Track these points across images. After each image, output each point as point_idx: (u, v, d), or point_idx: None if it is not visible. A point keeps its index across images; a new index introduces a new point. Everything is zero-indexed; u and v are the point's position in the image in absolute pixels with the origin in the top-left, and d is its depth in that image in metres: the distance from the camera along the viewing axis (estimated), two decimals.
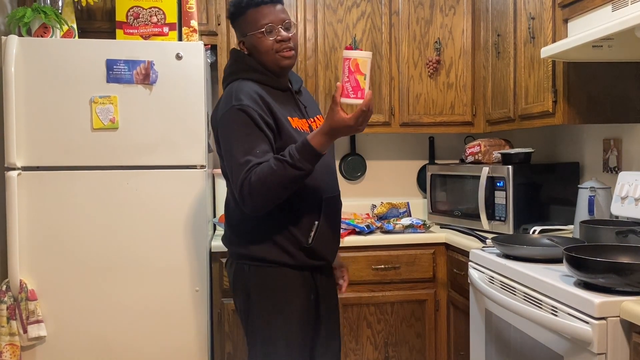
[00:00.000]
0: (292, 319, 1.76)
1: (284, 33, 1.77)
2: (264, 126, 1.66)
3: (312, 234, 1.76)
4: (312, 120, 1.88)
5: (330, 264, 1.90)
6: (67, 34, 2.47)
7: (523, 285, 1.80)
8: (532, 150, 2.63)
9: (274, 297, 1.76)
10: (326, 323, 1.89)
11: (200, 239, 2.38)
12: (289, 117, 1.76)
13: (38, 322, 2.26)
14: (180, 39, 2.52)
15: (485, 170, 2.57)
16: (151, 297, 2.35)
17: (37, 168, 2.29)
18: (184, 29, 2.52)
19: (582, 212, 2.25)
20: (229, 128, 1.69)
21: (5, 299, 2.23)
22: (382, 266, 2.63)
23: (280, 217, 1.73)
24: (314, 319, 1.84)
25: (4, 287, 2.25)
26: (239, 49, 1.84)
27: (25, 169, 2.27)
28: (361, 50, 1.60)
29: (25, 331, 2.24)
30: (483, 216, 2.58)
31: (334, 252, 1.88)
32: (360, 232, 2.68)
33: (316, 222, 1.76)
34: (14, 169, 2.24)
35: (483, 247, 2.22)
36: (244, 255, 1.79)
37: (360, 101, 1.56)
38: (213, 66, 2.83)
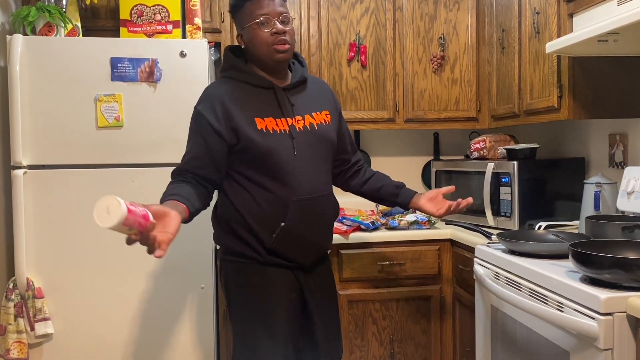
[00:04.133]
0: (270, 315, 1.77)
1: (279, 26, 1.75)
2: (206, 133, 1.74)
3: (275, 235, 1.76)
4: (300, 118, 1.83)
5: (309, 264, 1.87)
6: (71, 33, 2.47)
7: (528, 281, 1.80)
8: (538, 146, 2.62)
9: (251, 293, 1.80)
10: (322, 322, 1.89)
11: (205, 236, 2.39)
12: (256, 118, 1.76)
13: (45, 319, 2.27)
14: (184, 36, 2.53)
15: (490, 166, 2.56)
16: (157, 295, 2.36)
17: (43, 166, 2.30)
18: (188, 27, 2.52)
19: (587, 208, 2.25)
20: (189, 126, 1.83)
21: (13, 296, 2.24)
22: (387, 263, 2.63)
23: (247, 215, 1.77)
24: (300, 317, 1.84)
25: (11, 285, 2.26)
26: (237, 43, 1.86)
27: (30, 167, 2.28)
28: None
29: (32, 329, 2.26)
30: (488, 212, 2.57)
31: (307, 255, 1.85)
32: (365, 229, 2.68)
33: (282, 224, 1.76)
34: (19, 167, 2.25)
35: (488, 243, 2.22)
36: (223, 250, 1.89)
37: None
38: (217, 64, 2.83)
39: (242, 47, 1.83)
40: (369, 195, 2.12)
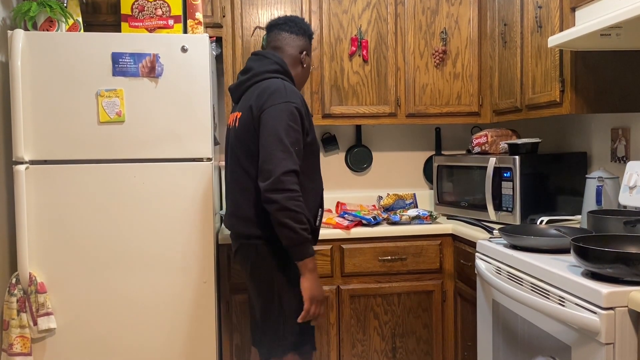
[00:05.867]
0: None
1: None
2: (304, 128, 1.98)
3: (318, 218, 2.10)
4: None
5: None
6: (73, 28, 2.47)
7: (530, 276, 1.80)
8: (540, 140, 2.61)
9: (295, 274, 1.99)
10: None
11: (207, 231, 2.39)
12: None
13: (48, 314, 2.28)
14: (185, 31, 2.52)
15: (492, 161, 2.56)
16: (159, 290, 2.37)
17: (45, 162, 2.30)
18: (189, 22, 2.52)
19: (589, 202, 2.24)
20: (283, 119, 1.91)
21: (15, 291, 2.25)
22: (389, 257, 2.64)
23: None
24: None
25: (13, 280, 2.27)
26: (301, 57, 2.16)
27: (32, 162, 2.28)
28: None
29: (35, 323, 2.26)
30: (490, 207, 2.57)
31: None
32: (366, 224, 2.69)
33: (320, 209, 2.11)
34: (21, 162, 2.25)
35: (490, 237, 2.22)
36: (269, 238, 1.97)
37: None
38: (218, 58, 2.83)
39: (303, 64, 2.18)
40: None
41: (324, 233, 2.54)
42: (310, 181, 2.04)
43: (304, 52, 2.17)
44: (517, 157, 2.46)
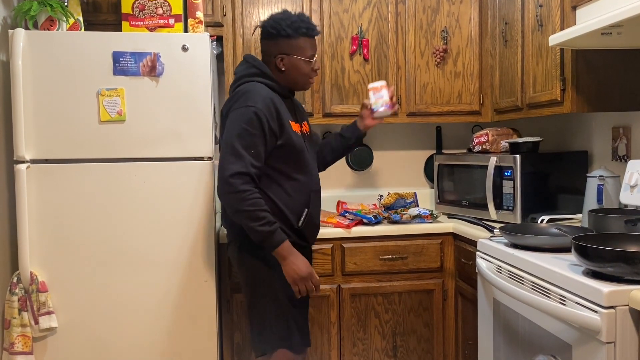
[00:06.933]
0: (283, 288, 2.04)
1: (318, 64, 2.22)
2: (266, 130, 1.96)
3: (302, 218, 2.07)
4: (302, 124, 2.19)
5: (309, 247, 2.22)
6: (74, 27, 2.47)
7: (531, 275, 1.80)
8: (540, 139, 2.61)
9: (275, 268, 2.01)
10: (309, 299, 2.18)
11: (208, 230, 2.39)
12: (290, 121, 2.06)
13: (49, 313, 2.28)
14: (186, 30, 2.52)
15: (492, 160, 2.56)
16: (160, 289, 2.37)
17: (46, 161, 2.30)
18: (190, 21, 2.52)
19: (590, 201, 2.24)
20: (238, 123, 1.95)
21: (17, 290, 2.25)
22: (390, 256, 2.64)
23: (281, 203, 2.03)
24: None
25: (15, 279, 2.27)
26: (276, 64, 2.08)
27: (33, 162, 2.28)
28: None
29: (36, 322, 2.27)
30: (491, 206, 2.57)
31: (315, 236, 2.21)
32: (367, 223, 2.69)
33: (306, 210, 2.09)
34: (22, 162, 2.25)
35: (491, 236, 2.22)
36: (248, 240, 2.00)
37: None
38: (219, 57, 2.83)
39: (282, 69, 2.09)
40: (333, 158, 2.44)
41: (325, 232, 2.55)
42: (289, 181, 2.05)
43: (279, 56, 2.08)
44: (517, 156, 2.46)
